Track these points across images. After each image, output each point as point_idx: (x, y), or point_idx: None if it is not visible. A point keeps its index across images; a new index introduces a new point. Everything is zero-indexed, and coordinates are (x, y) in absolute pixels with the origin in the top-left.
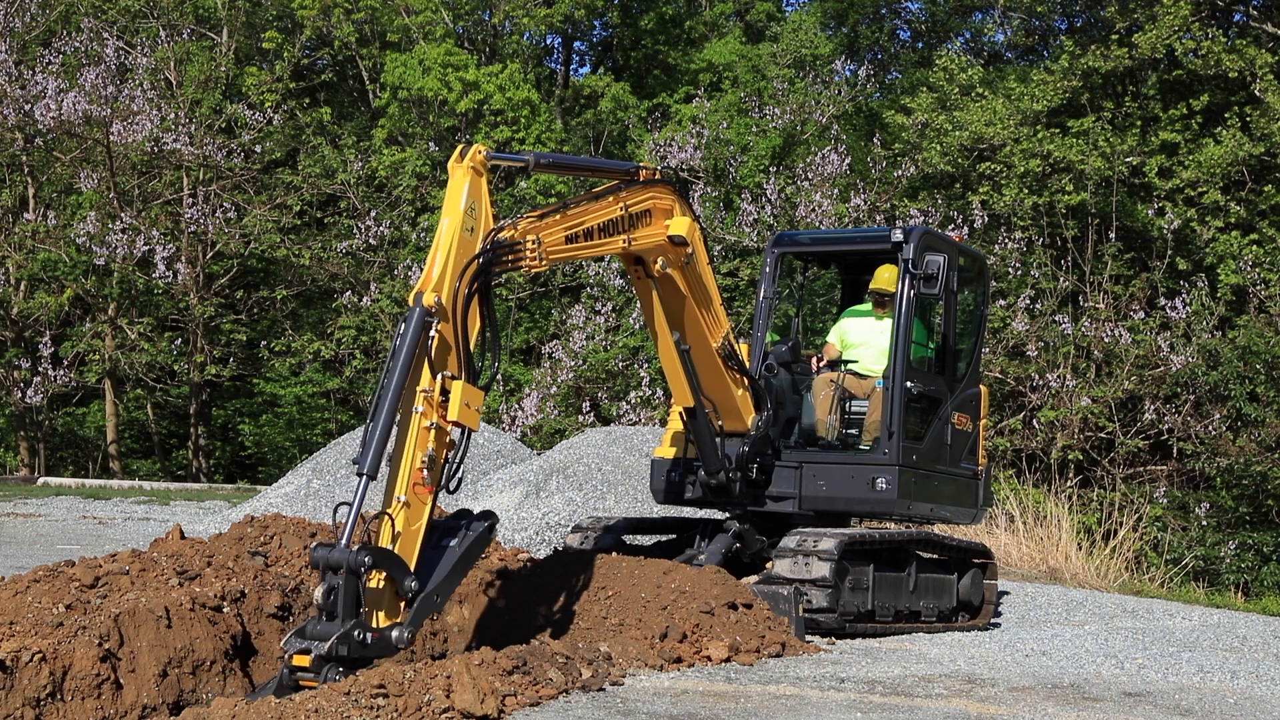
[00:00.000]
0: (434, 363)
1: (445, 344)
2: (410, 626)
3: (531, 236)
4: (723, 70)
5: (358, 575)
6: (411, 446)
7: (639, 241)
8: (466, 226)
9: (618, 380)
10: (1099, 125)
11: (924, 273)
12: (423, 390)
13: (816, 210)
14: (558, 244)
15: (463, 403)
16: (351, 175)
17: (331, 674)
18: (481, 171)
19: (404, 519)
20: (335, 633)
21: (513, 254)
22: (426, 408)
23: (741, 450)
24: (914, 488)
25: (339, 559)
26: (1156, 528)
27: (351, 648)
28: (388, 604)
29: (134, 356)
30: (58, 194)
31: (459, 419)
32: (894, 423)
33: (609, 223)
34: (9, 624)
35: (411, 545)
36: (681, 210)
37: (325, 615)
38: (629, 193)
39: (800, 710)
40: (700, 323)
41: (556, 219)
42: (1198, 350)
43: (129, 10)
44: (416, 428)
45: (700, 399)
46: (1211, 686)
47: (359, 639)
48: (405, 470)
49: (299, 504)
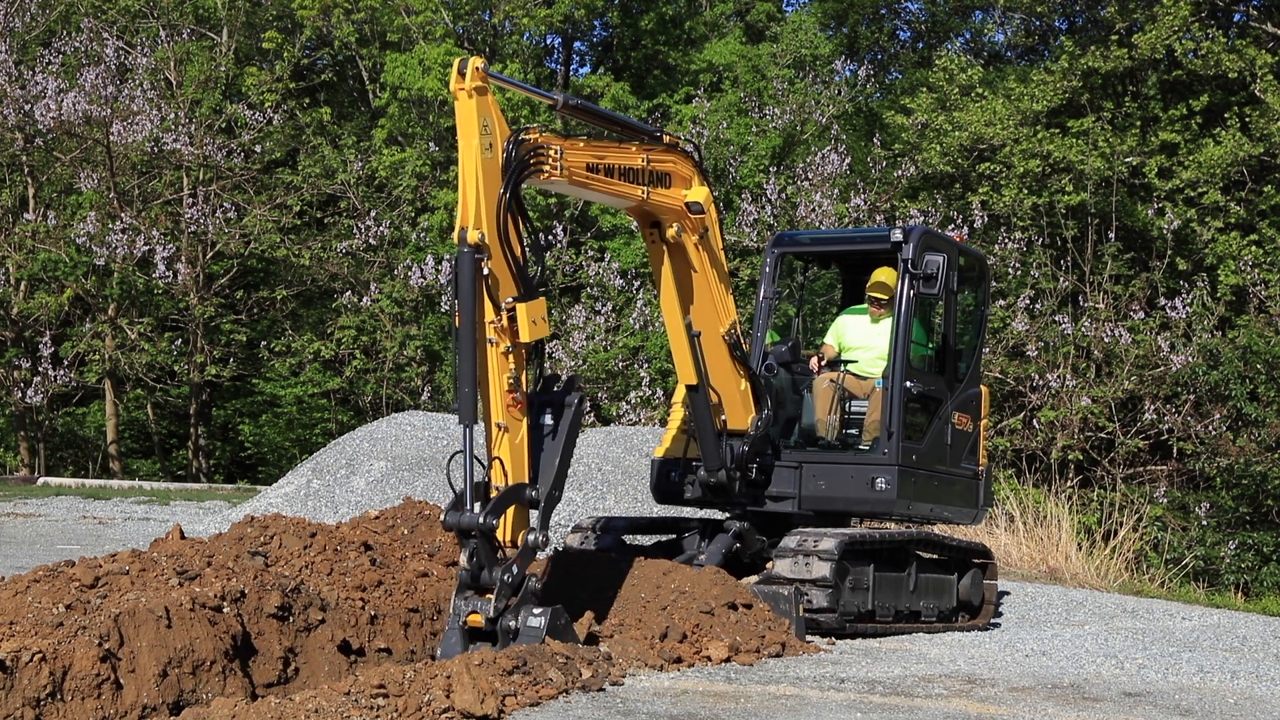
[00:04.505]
0: (493, 294)
1: (503, 273)
2: (542, 530)
3: (556, 146)
4: (723, 70)
5: (487, 537)
6: (495, 375)
7: (656, 200)
8: (484, 146)
9: (618, 380)
10: (1099, 125)
11: (924, 272)
12: (491, 322)
13: (816, 210)
14: (579, 166)
15: (530, 321)
16: (351, 175)
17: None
18: (486, 88)
19: (507, 441)
20: (492, 591)
21: (535, 157)
22: (498, 336)
23: (741, 449)
24: (914, 488)
25: (469, 523)
26: (1156, 528)
27: (505, 591)
28: (518, 521)
29: (134, 356)
30: (58, 194)
31: (530, 338)
32: (893, 422)
33: (629, 169)
34: (9, 624)
35: (520, 457)
36: (701, 183)
37: (472, 576)
38: (653, 150)
39: (800, 710)
40: (710, 304)
41: (580, 144)
42: (1198, 350)
43: (129, 10)
44: (495, 358)
45: (704, 377)
46: (1211, 686)
47: (509, 580)
48: (495, 398)
49: (299, 504)
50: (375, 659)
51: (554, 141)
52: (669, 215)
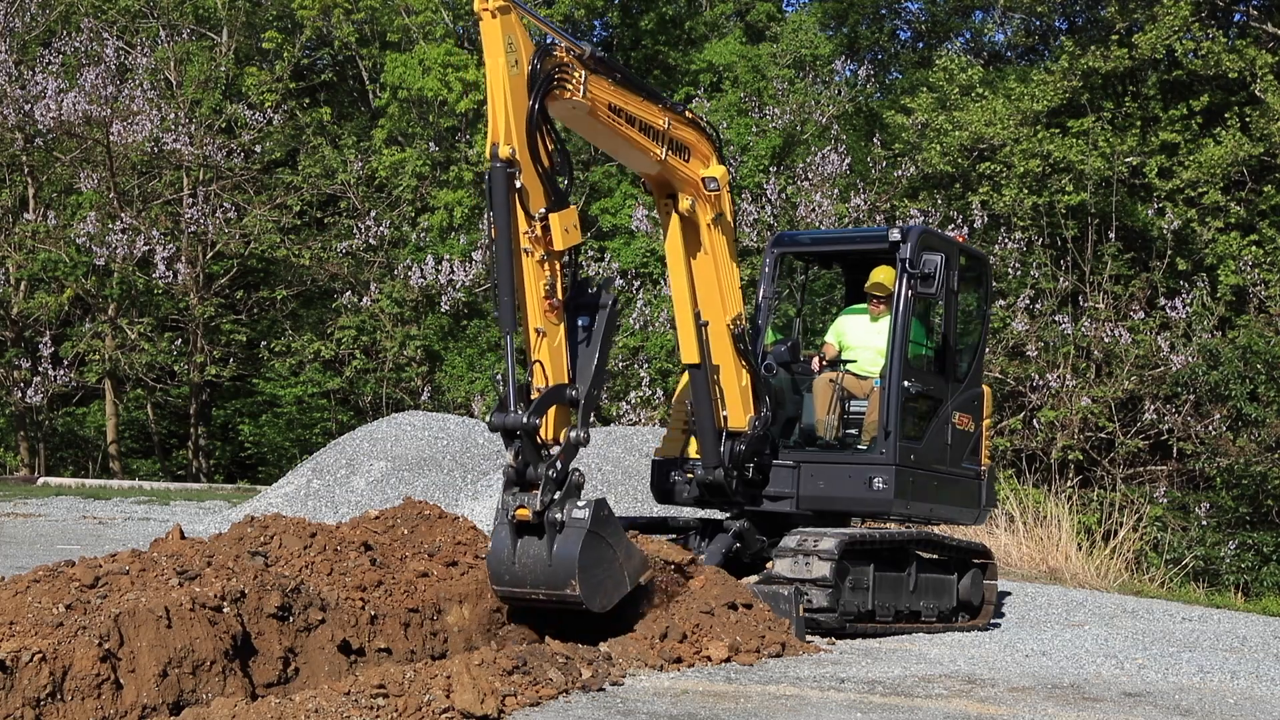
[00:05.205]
0: (525, 206)
1: (534, 185)
2: (582, 428)
3: (580, 72)
4: (723, 70)
5: (531, 436)
6: (532, 282)
7: (674, 165)
8: (510, 63)
9: (618, 380)
10: (1099, 125)
11: (921, 272)
12: (525, 232)
13: (817, 210)
14: (603, 100)
15: (562, 229)
16: (351, 175)
17: (553, 515)
18: (509, 7)
19: (545, 345)
20: (538, 487)
21: (560, 73)
22: (533, 246)
23: (738, 448)
24: (911, 487)
25: (513, 423)
26: (1156, 528)
27: (550, 485)
28: (559, 420)
29: (134, 356)
30: (58, 194)
31: (563, 245)
32: (890, 422)
33: (650, 127)
34: (9, 624)
35: (559, 359)
36: (719, 163)
37: (518, 473)
38: (678, 118)
39: (800, 710)
40: (717, 289)
41: (607, 81)
42: (1198, 350)
43: (129, 10)
44: (531, 267)
45: (707, 357)
46: (1211, 686)
47: (553, 475)
48: (533, 305)
49: (299, 504)
50: (375, 659)
51: (580, 67)
52: (685, 186)
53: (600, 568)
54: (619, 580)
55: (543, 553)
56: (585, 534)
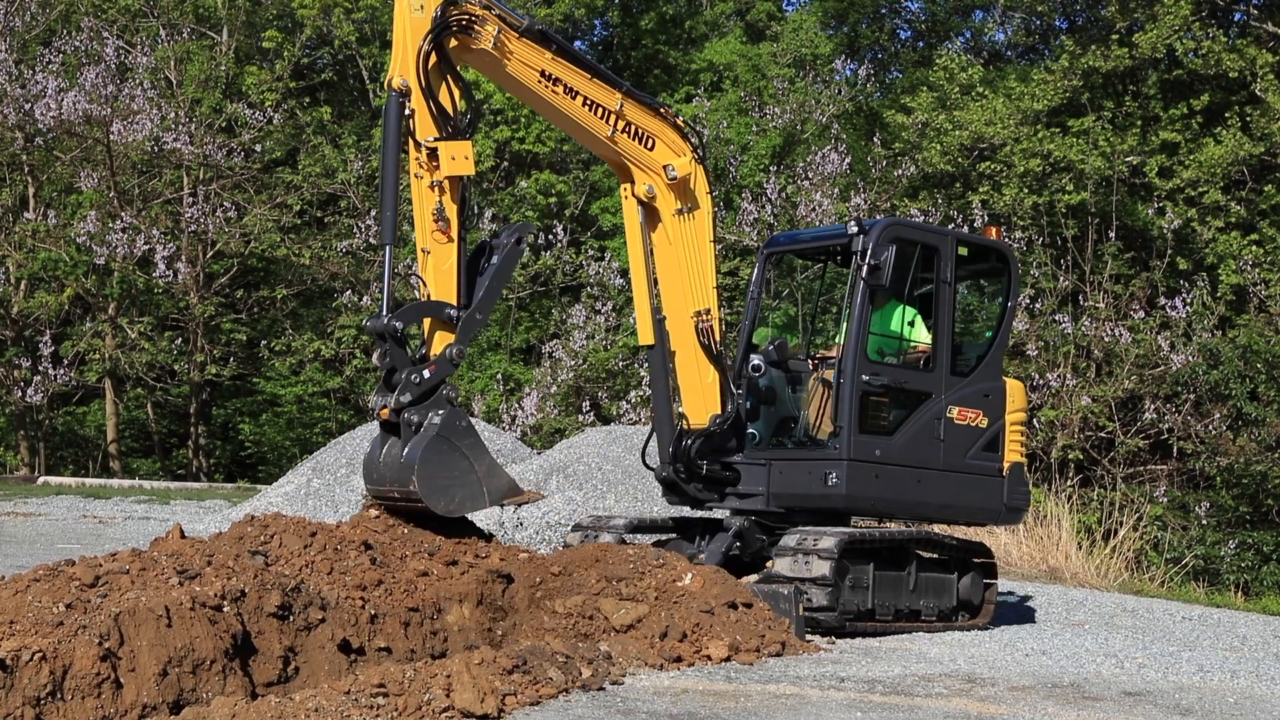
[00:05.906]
0: (414, 134)
1: (423, 115)
2: (459, 344)
3: (493, 26)
4: (723, 70)
5: (396, 338)
6: (420, 205)
7: (625, 147)
8: (415, 6)
9: (618, 380)
10: (1099, 125)
11: (870, 262)
12: (415, 158)
13: (817, 210)
14: (526, 64)
15: (449, 157)
16: (351, 175)
17: (409, 416)
18: None
19: (432, 264)
20: (399, 385)
21: (463, 19)
22: (423, 171)
23: (691, 444)
24: (877, 483)
25: (377, 326)
26: (1156, 527)
27: (413, 388)
28: (439, 336)
29: (134, 356)
30: (58, 193)
31: (448, 172)
32: (842, 417)
33: (598, 105)
34: (9, 623)
35: (448, 280)
36: (692, 161)
37: (387, 375)
38: (639, 105)
39: (800, 710)
40: (682, 282)
41: (540, 49)
42: (1198, 350)
43: (129, 10)
44: (420, 191)
45: (664, 342)
46: (1211, 686)
47: (416, 380)
48: (420, 225)
49: (299, 503)
50: (375, 658)
51: (495, 21)
52: (641, 172)
53: (447, 471)
54: (474, 492)
55: (399, 451)
56: (434, 437)
